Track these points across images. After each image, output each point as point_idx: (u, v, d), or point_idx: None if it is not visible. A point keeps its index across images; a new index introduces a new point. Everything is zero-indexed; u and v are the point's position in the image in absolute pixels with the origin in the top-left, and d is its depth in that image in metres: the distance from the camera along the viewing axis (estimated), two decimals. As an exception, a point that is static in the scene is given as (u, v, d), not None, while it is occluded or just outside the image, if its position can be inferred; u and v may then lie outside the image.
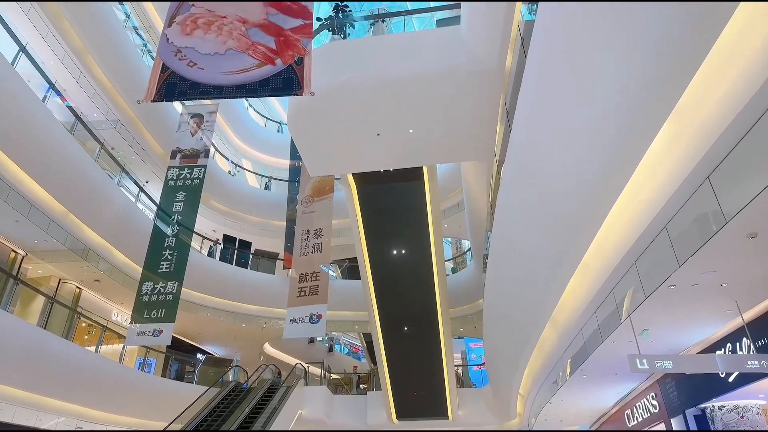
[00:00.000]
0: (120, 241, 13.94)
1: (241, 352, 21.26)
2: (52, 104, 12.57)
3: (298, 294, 12.88)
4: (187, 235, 13.07)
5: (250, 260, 21.08)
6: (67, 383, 11.49)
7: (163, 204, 13.46)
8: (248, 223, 21.14)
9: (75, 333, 13.78)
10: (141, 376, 14.68)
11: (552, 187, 5.45)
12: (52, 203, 11.88)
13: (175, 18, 5.12)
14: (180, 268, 12.30)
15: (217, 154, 20.52)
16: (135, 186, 15.36)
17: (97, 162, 13.21)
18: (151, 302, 11.68)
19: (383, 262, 13.18)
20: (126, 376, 13.77)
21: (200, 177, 13.74)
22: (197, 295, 16.93)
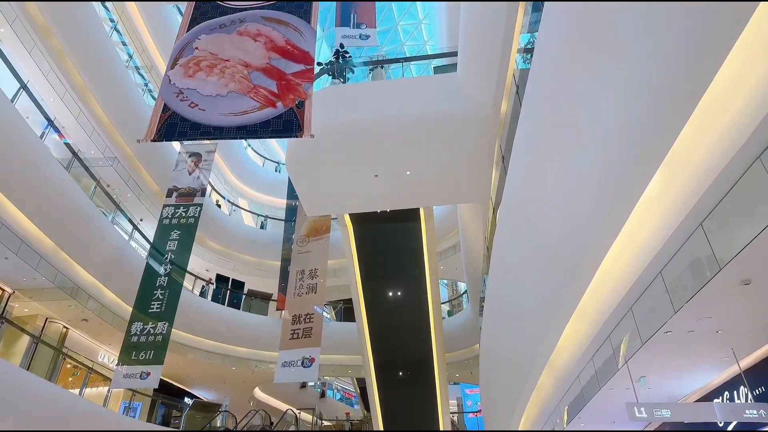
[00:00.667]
0: (110, 279, 13.73)
1: (231, 396, 20.61)
2: (50, 141, 12.67)
3: (290, 336, 12.62)
4: (180, 274, 12.91)
5: (242, 301, 20.79)
6: (48, 427, 11.02)
7: (156, 242, 13.35)
8: (242, 262, 20.98)
9: (59, 374, 13.33)
10: (126, 420, 14.13)
11: (548, 231, 5.48)
12: (43, 239, 11.76)
13: (179, 60, 5.25)
14: (171, 309, 12.07)
15: (214, 192, 20.59)
16: (129, 223, 15.30)
17: (92, 199, 13.19)
18: (139, 343, 11.38)
19: (379, 304, 13.05)
20: (110, 421, 13.24)
21: (195, 215, 13.71)
22: (187, 337, 16.57)
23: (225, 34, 5.54)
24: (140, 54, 16.91)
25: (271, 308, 20.42)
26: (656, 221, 4.40)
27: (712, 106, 3.17)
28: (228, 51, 5.31)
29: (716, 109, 3.21)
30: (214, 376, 19.58)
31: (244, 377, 19.42)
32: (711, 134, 3.46)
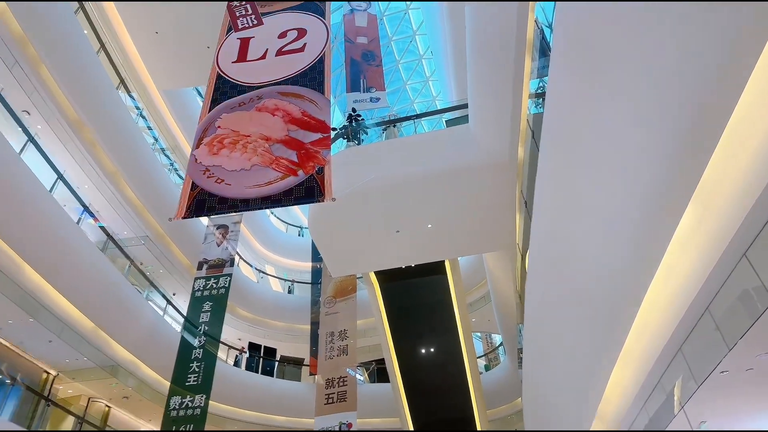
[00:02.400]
0: (148, 355, 13.85)
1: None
2: (86, 225, 13.21)
3: (325, 401, 12.34)
4: (214, 345, 12.93)
5: (275, 368, 20.52)
6: None
7: (190, 315, 13.48)
8: (273, 328, 20.92)
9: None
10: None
11: (581, 273, 5.36)
12: (83, 320, 12.05)
13: (203, 140, 5.52)
14: (207, 380, 12.01)
15: (242, 262, 20.90)
16: (163, 299, 15.56)
17: (127, 278, 13.56)
18: (179, 417, 11.29)
19: (412, 362, 12.73)
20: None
21: (226, 286, 13.87)
22: (223, 408, 16.31)
23: (245, 111, 5.83)
24: (165, 136, 17.82)
25: (304, 374, 20.11)
26: (695, 254, 4.26)
27: (740, 130, 3.12)
28: (249, 127, 5.57)
29: (745, 133, 3.16)
30: (253, 449, 19.07)
31: (284, 447, 18.87)
32: (742, 159, 3.39)
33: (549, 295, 6.40)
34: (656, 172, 3.73)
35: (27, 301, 10.89)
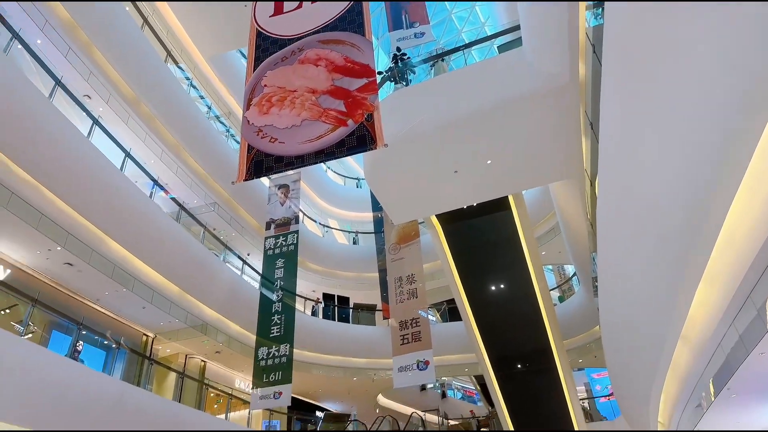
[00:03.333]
0: (232, 312, 14.84)
1: (357, 405, 21.32)
2: (158, 198, 13.98)
3: (401, 342, 12.76)
4: (291, 298, 13.61)
5: (350, 314, 21.44)
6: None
7: (265, 272, 14.19)
8: (343, 279, 21.67)
9: (205, 403, 14.69)
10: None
11: (656, 193, 5.03)
12: (170, 286, 13.02)
13: (252, 100, 5.55)
14: (289, 331, 12.75)
15: (306, 218, 21.51)
16: (238, 260, 16.44)
17: (203, 243, 14.38)
18: (267, 366, 12.16)
19: (483, 300, 12.77)
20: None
21: (294, 242, 14.39)
22: (308, 354, 17.39)
23: (288, 66, 5.76)
24: (217, 103, 18.19)
25: (378, 318, 20.86)
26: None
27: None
28: (294, 81, 5.52)
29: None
30: (339, 388, 20.37)
31: (366, 386, 19.98)
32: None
33: (622, 217, 6.10)
34: (737, 78, 3.33)
35: (118, 274, 11.88)
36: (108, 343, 12.18)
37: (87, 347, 11.23)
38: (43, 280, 11.76)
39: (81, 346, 10.35)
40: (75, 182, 10.27)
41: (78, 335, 10.09)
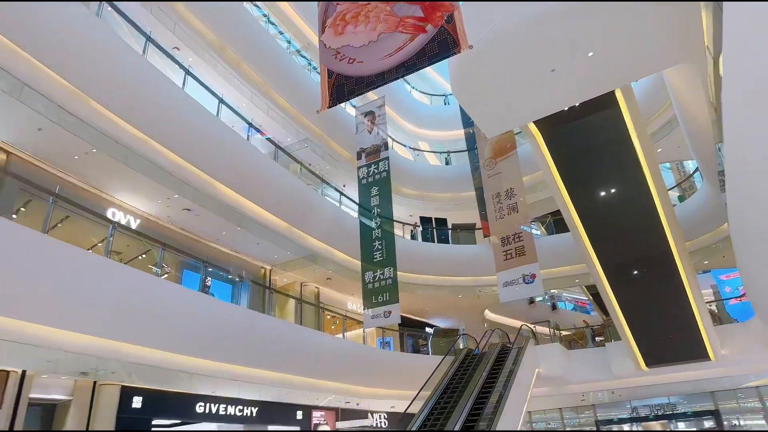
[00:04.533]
0: (336, 241, 15.57)
1: (465, 320, 21.95)
2: (255, 140, 14.57)
3: (504, 258, 12.61)
4: (389, 224, 13.89)
5: (449, 235, 21.55)
6: (328, 367, 13.35)
7: (362, 202, 14.54)
8: (439, 201, 21.60)
9: (323, 324, 15.98)
10: (384, 353, 16.30)
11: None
12: (278, 222, 13.85)
13: (326, 22, 5.34)
14: (391, 255, 13.14)
15: (395, 143, 21.38)
16: (336, 192, 16.97)
17: (300, 179, 14.95)
18: (375, 289, 12.77)
19: (592, 208, 11.97)
20: (372, 355, 15.49)
21: (386, 169, 14.43)
22: (412, 276, 17.94)
23: (359, -21, 5.39)
24: (296, 36, 18.07)
25: (478, 237, 20.75)
26: None
27: None
28: (366, -6, 5.18)
29: None
30: (446, 306, 21.02)
31: (472, 302, 20.38)
32: None
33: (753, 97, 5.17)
34: None
35: (231, 215, 12.82)
36: (232, 278, 13.45)
37: (215, 282, 12.50)
38: (168, 226, 13.06)
39: (209, 281, 11.52)
40: (180, 134, 10.96)
41: (205, 272, 11.19)
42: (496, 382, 12.86)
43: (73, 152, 10.15)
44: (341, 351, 14.01)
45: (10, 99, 8.59)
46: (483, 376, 13.21)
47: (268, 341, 11.57)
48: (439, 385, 13.48)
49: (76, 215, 10.19)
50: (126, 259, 11.38)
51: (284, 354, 11.99)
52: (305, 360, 12.64)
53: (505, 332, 18.14)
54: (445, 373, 14.23)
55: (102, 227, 10.04)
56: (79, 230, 10.47)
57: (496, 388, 12.56)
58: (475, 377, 13.44)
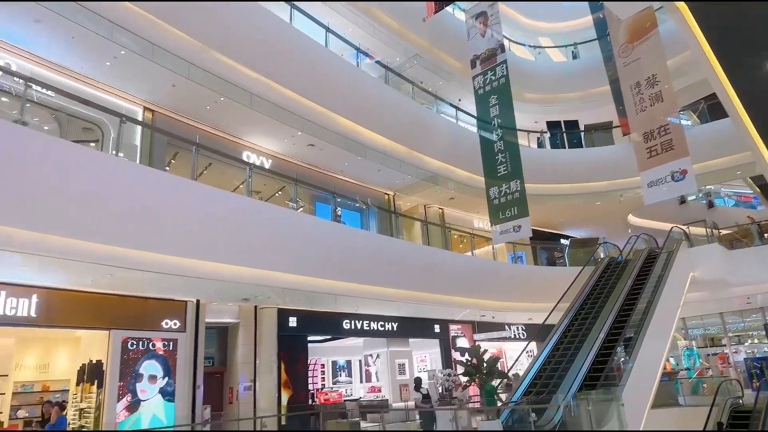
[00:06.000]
0: (456, 159, 15.23)
1: (605, 228, 20.60)
2: (364, 66, 14.37)
3: (648, 156, 11.23)
4: (512, 134, 13.11)
5: (582, 138, 19.78)
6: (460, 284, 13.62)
7: (480, 114, 13.82)
8: (567, 101, 19.73)
9: (451, 244, 16.14)
10: (516, 268, 16.12)
11: None
12: (397, 147, 13.88)
13: None
14: (516, 167, 12.52)
15: (512, 44, 19.62)
16: (451, 107, 16.33)
17: (414, 100, 14.60)
18: (501, 204, 12.41)
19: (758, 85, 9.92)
20: (504, 271, 15.43)
21: (504, 74, 13.41)
22: (540, 187, 17.01)
23: None
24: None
25: (616, 136, 18.78)
26: None
27: None
28: None
29: None
30: (581, 215, 19.84)
31: (613, 208, 18.93)
32: None
33: None
34: None
35: (351, 145, 13.10)
36: (359, 206, 13.99)
37: (344, 212, 13.14)
38: (297, 163, 13.81)
39: (339, 211, 12.12)
40: (294, 70, 11.21)
41: (335, 203, 11.75)
42: (643, 290, 12.03)
43: (204, 103, 10.99)
44: (471, 268, 14.12)
45: (145, 61, 9.42)
46: (628, 284, 12.44)
47: (399, 263, 12.03)
48: (579, 296, 13.02)
49: (216, 161, 11.21)
50: (265, 197, 12.40)
51: (416, 274, 12.42)
52: (437, 278, 12.99)
53: (652, 237, 16.63)
54: (585, 283, 13.65)
55: (240, 170, 10.92)
56: (221, 175, 11.56)
57: (643, 296, 11.75)
58: (618, 286, 12.71)
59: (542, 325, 12.69)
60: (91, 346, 10.63)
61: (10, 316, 8.37)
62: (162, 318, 10.42)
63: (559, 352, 10.88)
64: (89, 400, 9.96)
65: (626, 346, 10.04)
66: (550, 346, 11.25)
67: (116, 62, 9.53)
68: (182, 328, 10.65)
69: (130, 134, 10.36)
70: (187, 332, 10.72)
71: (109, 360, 9.59)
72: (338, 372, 18.40)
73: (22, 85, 7.36)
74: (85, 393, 10.29)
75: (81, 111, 9.75)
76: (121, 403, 9.46)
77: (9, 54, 9.04)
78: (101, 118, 10.07)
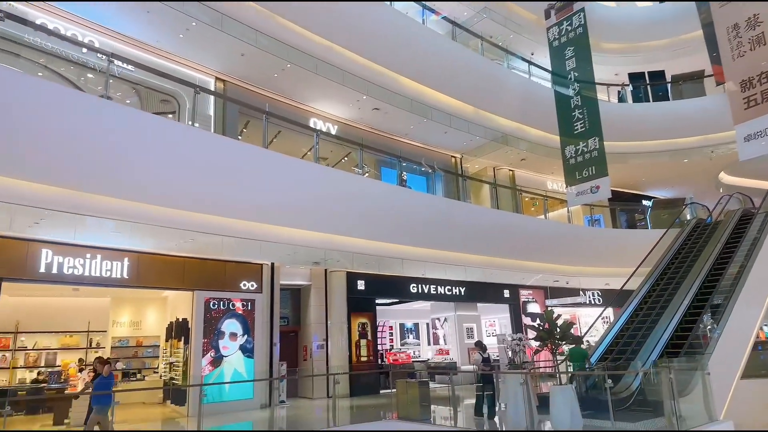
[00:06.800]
0: (529, 118, 14.54)
1: (692, 188, 19.03)
2: (430, 23, 13.84)
3: (745, 106, 10.10)
4: (590, 88, 12.26)
5: (669, 90, 18.11)
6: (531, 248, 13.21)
7: (555, 67, 13.02)
8: (651, 50, 18.05)
9: (522, 207, 15.61)
10: (593, 231, 15.37)
11: None
12: (464, 107, 13.43)
13: None
14: (594, 123, 11.79)
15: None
16: (523, 62, 15.47)
17: (483, 55, 13.95)
18: (578, 163, 11.79)
19: None
20: (579, 234, 14.78)
21: (581, 23, 12.49)
22: (621, 145, 15.90)
23: None
24: None
25: (708, 86, 17.03)
26: None
27: None
28: None
29: None
30: (666, 174, 18.45)
31: (702, 166, 17.40)
32: None
33: None
34: None
35: (416, 107, 12.82)
36: (425, 170, 13.79)
37: (410, 176, 13.01)
38: (362, 128, 13.77)
39: (405, 176, 12.00)
40: (358, 32, 11.04)
41: (400, 167, 11.65)
42: (735, 253, 11.06)
43: (272, 71, 11.13)
44: (544, 232, 13.60)
45: (215, 31, 9.63)
46: (717, 248, 11.50)
47: (467, 227, 11.82)
48: (662, 260, 12.24)
49: (285, 129, 11.42)
50: (331, 164, 12.53)
51: (485, 238, 12.18)
52: (507, 243, 12.67)
53: (747, 196, 15.17)
54: (669, 246, 12.78)
55: (307, 137, 11.07)
56: (290, 142, 11.78)
57: (734, 260, 10.82)
58: (707, 249, 11.78)
59: (620, 290, 12.12)
60: (177, 305, 11.48)
61: (106, 278, 9.18)
62: (240, 280, 11.00)
63: (638, 318, 10.38)
64: (177, 355, 10.84)
65: (713, 313, 9.37)
66: (628, 312, 10.76)
67: (189, 34, 9.81)
68: (259, 290, 11.21)
69: (205, 105, 10.75)
70: (263, 293, 11.27)
71: (193, 318, 10.31)
72: (406, 334, 18.76)
73: (105, 61, 7.76)
74: (173, 348, 11.21)
75: (158, 83, 10.22)
76: (205, 358, 10.20)
77: (92, 31, 9.57)
78: (177, 89, 10.52)
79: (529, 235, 13.18)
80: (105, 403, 6.97)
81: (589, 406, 7.37)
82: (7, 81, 6.13)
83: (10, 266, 8.22)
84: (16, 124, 6.15)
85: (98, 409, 6.94)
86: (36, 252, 8.46)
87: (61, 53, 9.02)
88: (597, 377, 8.76)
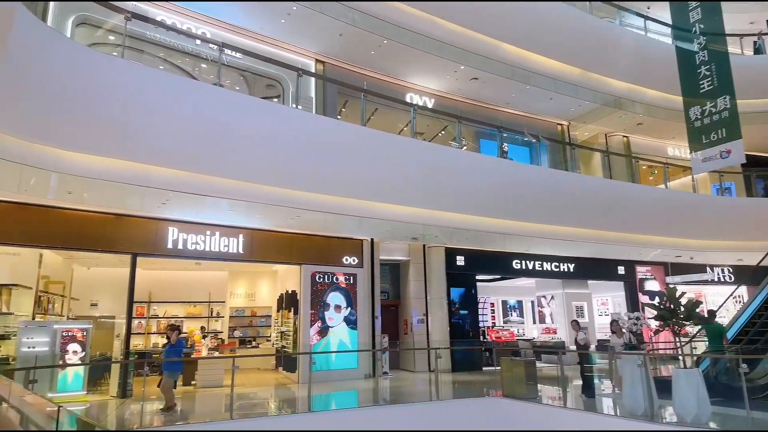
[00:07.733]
0: (646, 78, 13.20)
1: None
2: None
3: None
4: (719, 41, 10.77)
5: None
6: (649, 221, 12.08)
7: (676, 20, 11.60)
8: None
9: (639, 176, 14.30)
10: (722, 200, 13.71)
11: None
12: (570, 70, 12.50)
13: None
14: (724, 80, 10.38)
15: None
16: (638, 17, 13.98)
17: (591, 14, 12.82)
18: (704, 126, 10.52)
19: None
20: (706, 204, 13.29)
21: (708, -35, 10.93)
22: (758, 103, 13.88)
23: None
24: None
25: None
26: None
27: None
28: None
29: None
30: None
31: None
32: None
33: None
34: None
35: (518, 74, 12.16)
36: (527, 140, 13.11)
37: (511, 147, 12.43)
38: (460, 99, 13.39)
39: (506, 146, 11.49)
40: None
41: (501, 138, 11.17)
42: None
43: (369, 48, 11.18)
44: (664, 203, 12.34)
45: (314, 13, 9.82)
46: None
47: (576, 199, 11.08)
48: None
49: (382, 106, 11.45)
50: (428, 138, 12.38)
51: (596, 211, 11.35)
52: (621, 215, 11.70)
53: None
54: None
55: (404, 112, 11.01)
56: (386, 119, 11.81)
57: None
58: None
59: (756, 266, 10.72)
60: (286, 278, 12.20)
61: (224, 252, 9.98)
62: (343, 255, 11.38)
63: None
64: (287, 324, 11.56)
65: None
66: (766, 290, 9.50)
67: (290, 18, 10.13)
68: (360, 264, 11.53)
69: (306, 87, 11.10)
70: (364, 268, 11.58)
71: (301, 291, 10.90)
72: (509, 312, 18.28)
73: (216, 51, 8.28)
74: (284, 318, 11.96)
75: (263, 69, 10.72)
76: (313, 328, 10.77)
77: (203, 24, 10.24)
78: (280, 73, 10.97)
79: (647, 206, 12.05)
80: (175, 369, 7.52)
81: (718, 393, 6.67)
82: (145, 78, 6.78)
83: (143, 243, 9.22)
84: (152, 113, 6.79)
85: (169, 374, 7.45)
86: (164, 230, 9.40)
87: (177, 46, 9.79)
88: (729, 361, 7.88)
